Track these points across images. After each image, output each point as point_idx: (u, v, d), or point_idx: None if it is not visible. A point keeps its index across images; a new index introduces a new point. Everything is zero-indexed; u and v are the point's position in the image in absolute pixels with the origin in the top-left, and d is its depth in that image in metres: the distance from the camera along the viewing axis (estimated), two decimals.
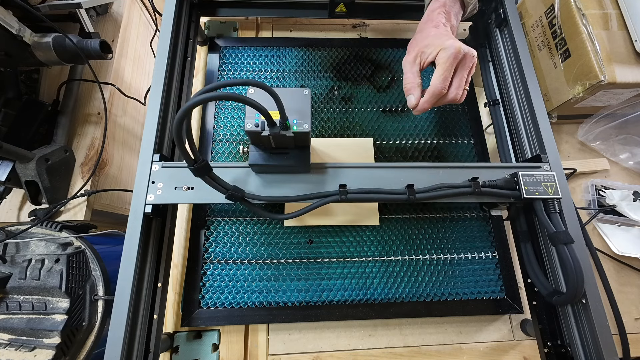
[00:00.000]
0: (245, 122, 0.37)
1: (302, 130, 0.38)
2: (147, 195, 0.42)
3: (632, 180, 0.66)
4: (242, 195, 0.42)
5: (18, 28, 0.55)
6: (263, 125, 0.37)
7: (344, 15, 0.65)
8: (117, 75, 0.80)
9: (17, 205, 0.64)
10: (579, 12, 0.56)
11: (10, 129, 0.61)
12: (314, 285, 0.53)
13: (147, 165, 0.43)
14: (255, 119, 0.37)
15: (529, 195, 0.43)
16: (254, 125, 0.37)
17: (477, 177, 0.45)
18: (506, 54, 0.57)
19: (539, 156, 0.48)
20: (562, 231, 0.41)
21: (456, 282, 0.54)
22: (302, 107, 0.39)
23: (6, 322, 0.50)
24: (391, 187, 0.44)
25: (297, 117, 0.38)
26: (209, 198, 0.43)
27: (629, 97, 0.59)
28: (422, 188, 0.44)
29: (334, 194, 0.43)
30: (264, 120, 0.37)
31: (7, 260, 0.53)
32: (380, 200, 0.44)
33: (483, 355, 0.53)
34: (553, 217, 0.42)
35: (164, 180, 0.43)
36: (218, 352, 0.51)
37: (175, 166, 0.44)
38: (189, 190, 0.43)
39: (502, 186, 0.44)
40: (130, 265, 0.39)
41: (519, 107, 0.54)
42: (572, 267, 0.38)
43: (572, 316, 0.42)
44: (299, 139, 0.40)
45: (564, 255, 0.39)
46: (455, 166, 0.46)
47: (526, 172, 0.44)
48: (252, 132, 0.37)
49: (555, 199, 0.43)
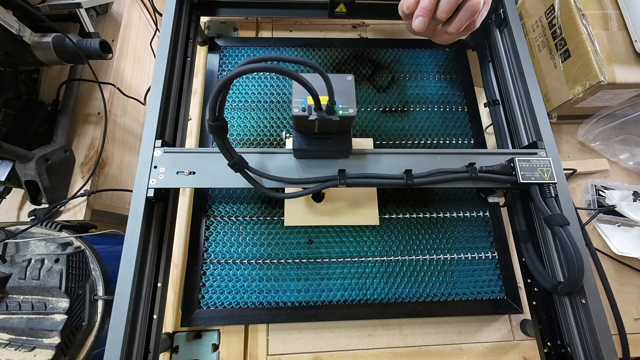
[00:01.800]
0: (292, 106, 0.39)
1: (348, 115, 0.38)
2: (149, 179, 0.43)
3: (632, 181, 0.66)
4: (244, 167, 0.42)
5: (18, 28, 0.55)
6: (310, 110, 0.38)
7: (344, 15, 0.65)
8: (117, 75, 0.80)
9: (17, 205, 0.64)
10: (579, 12, 0.56)
11: (10, 128, 0.61)
12: (313, 285, 0.53)
13: (149, 151, 0.44)
14: (302, 104, 0.38)
15: (525, 180, 0.44)
16: (301, 110, 0.38)
17: (474, 162, 0.45)
18: (506, 54, 0.57)
19: (535, 143, 0.48)
20: (557, 214, 0.41)
21: (456, 282, 0.54)
22: (347, 92, 0.40)
23: (6, 322, 0.50)
24: (389, 173, 0.45)
25: (342, 102, 0.39)
26: (210, 182, 0.44)
27: (629, 97, 0.59)
28: (420, 173, 0.44)
29: (333, 179, 0.43)
30: (310, 105, 0.38)
31: (7, 260, 0.53)
32: (378, 185, 0.45)
33: (483, 356, 0.53)
34: (549, 201, 0.43)
35: (166, 165, 0.44)
36: (218, 352, 0.51)
37: (177, 151, 0.45)
38: (190, 175, 0.44)
39: (498, 171, 0.45)
40: (131, 262, 0.39)
41: (518, 107, 0.54)
42: (570, 249, 0.39)
43: (572, 316, 0.42)
44: (343, 123, 0.41)
45: (561, 238, 0.40)
46: (453, 152, 0.47)
47: (522, 158, 0.45)
48: (299, 116, 0.38)
49: (551, 184, 0.44)
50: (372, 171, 0.45)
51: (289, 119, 0.62)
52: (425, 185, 0.44)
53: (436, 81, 0.67)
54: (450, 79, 0.67)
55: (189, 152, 0.46)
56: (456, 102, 0.65)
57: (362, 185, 0.44)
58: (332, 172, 0.45)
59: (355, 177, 0.44)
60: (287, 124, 0.62)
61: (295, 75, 0.32)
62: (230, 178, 0.44)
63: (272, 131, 0.61)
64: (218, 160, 0.45)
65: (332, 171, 0.45)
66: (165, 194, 0.48)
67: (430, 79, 0.67)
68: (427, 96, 0.65)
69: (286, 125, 0.61)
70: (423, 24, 0.44)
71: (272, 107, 0.63)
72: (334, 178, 0.43)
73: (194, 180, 0.44)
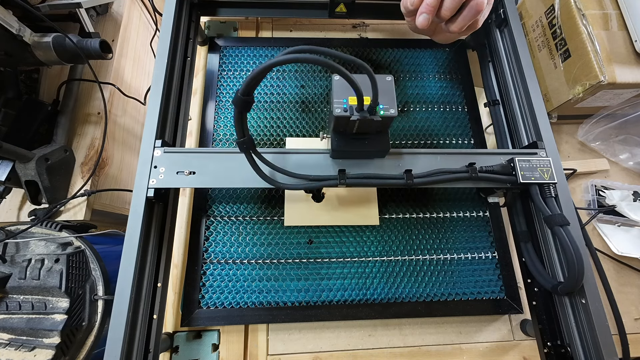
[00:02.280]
0: (333, 107, 0.39)
1: (389, 115, 0.39)
2: (149, 179, 0.43)
3: (632, 181, 0.66)
4: (250, 148, 0.40)
5: (18, 28, 0.55)
6: (351, 110, 0.38)
7: (344, 15, 0.65)
8: (117, 75, 0.80)
9: (17, 205, 0.64)
10: (579, 12, 0.56)
11: (10, 128, 0.61)
12: (313, 285, 0.53)
13: (149, 150, 0.44)
14: (343, 104, 0.39)
15: (525, 180, 0.44)
16: (343, 110, 0.38)
17: (474, 162, 0.45)
18: (506, 54, 0.57)
19: (535, 143, 0.48)
20: (557, 214, 0.41)
21: (456, 282, 0.54)
22: (388, 92, 0.40)
23: (6, 321, 0.50)
24: (389, 173, 0.45)
25: (383, 102, 0.39)
26: (210, 182, 0.44)
27: (629, 97, 0.59)
28: (420, 173, 0.44)
29: (333, 179, 0.43)
30: (352, 105, 0.38)
31: (7, 260, 0.53)
32: (378, 185, 0.45)
33: (483, 356, 0.53)
34: (549, 201, 0.43)
35: (166, 165, 0.44)
36: (218, 352, 0.51)
37: (177, 151, 0.45)
38: (190, 175, 0.44)
39: (498, 171, 0.45)
40: (131, 262, 0.39)
41: (519, 107, 0.54)
42: (570, 249, 0.38)
43: (572, 316, 0.42)
44: (383, 123, 0.41)
45: (561, 237, 0.40)
46: (453, 152, 0.47)
47: (522, 158, 0.45)
48: (341, 117, 0.38)
49: (551, 184, 0.44)
50: (372, 171, 0.45)
51: (289, 119, 0.62)
52: (425, 185, 0.44)
53: (436, 81, 0.67)
54: (450, 79, 0.67)
55: (189, 152, 0.46)
56: (456, 102, 0.65)
57: (362, 185, 0.44)
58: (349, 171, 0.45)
59: (355, 177, 0.44)
60: (286, 124, 0.62)
61: (347, 74, 0.32)
62: (230, 178, 0.44)
63: (272, 131, 0.61)
64: (218, 160, 0.45)
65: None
66: (166, 193, 0.48)
67: (430, 79, 0.67)
68: (427, 96, 0.65)
69: (286, 125, 0.61)
70: (427, 21, 0.44)
71: (272, 107, 0.63)
72: (334, 177, 0.43)
73: (194, 180, 0.44)
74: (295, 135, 0.61)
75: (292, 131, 0.61)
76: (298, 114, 0.63)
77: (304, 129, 0.61)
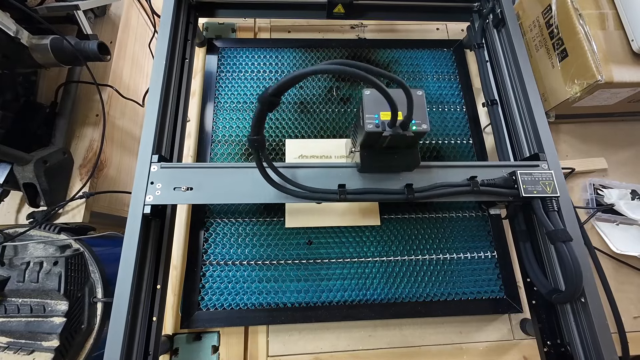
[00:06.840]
0: (364, 123, 0.38)
1: (421, 130, 0.38)
2: (146, 196, 0.42)
3: (630, 179, 0.66)
4: (260, 148, 0.38)
5: (16, 30, 0.55)
6: (383, 126, 0.38)
7: (342, 16, 0.65)
8: (115, 77, 0.80)
9: (15, 208, 0.64)
10: (576, 12, 0.56)
11: (8, 131, 0.61)
12: (313, 286, 0.52)
13: (145, 166, 0.43)
14: (375, 120, 0.38)
15: (528, 193, 0.43)
16: (375, 126, 0.38)
17: (475, 176, 0.45)
18: (504, 54, 0.57)
19: (537, 155, 0.48)
20: (560, 229, 0.41)
21: (456, 282, 0.54)
22: (420, 108, 0.39)
23: (4, 325, 0.50)
24: (389, 187, 0.44)
25: (415, 118, 0.38)
26: (208, 198, 0.43)
27: (626, 96, 0.59)
28: (421, 187, 0.44)
29: (333, 193, 0.43)
30: (384, 121, 0.38)
31: (6, 262, 0.52)
32: (379, 200, 0.44)
33: (483, 355, 0.53)
34: (551, 215, 0.43)
35: (163, 181, 0.43)
36: (218, 353, 0.51)
37: (175, 167, 0.44)
38: (188, 190, 0.43)
39: (500, 185, 0.44)
40: (129, 267, 0.39)
41: (517, 106, 0.54)
42: (571, 265, 0.38)
43: (572, 315, 0.43)
44: (414, 139, 0.40)
45: (562, 253, 0.40)
46: (454, 165, 0.47)
47: (524, 171, 0.44)
48: (373, 132, 0.38)
49: (553, 197, 0.43)
50: (372, 184, 0.44)
51: (287, 120, 0.62)
52: (427, 199, 0.44)
53: (435, 81, 0.67)
54: (449, 79, 0.67)
55: (186, 167, 0.45)
56: (454, 102, 0.65)
57: (363, 201, 0.43)
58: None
59: (356, 192, 0.43)
60: (285, 125, 0.62)
61: (386, 90, 0.31)
62: (229, 194, 0.44)
63: (270, 132, 0.61)
64: (216, 176, 0.44)
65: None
66: (163, 209, 0.47)
67: (428, 79, 0.67)
68: (426, 96, 0.65)
69: (285, 127, 0.61)
70: None
71: None
72: (334, 192, 0.42)
73: (191, 197, 0.43)
74: (294, 136, 0.61)
75: (292, 132, 0.61)
76: (297, 114, 0.63)
77: (302, 130, 0.61)
